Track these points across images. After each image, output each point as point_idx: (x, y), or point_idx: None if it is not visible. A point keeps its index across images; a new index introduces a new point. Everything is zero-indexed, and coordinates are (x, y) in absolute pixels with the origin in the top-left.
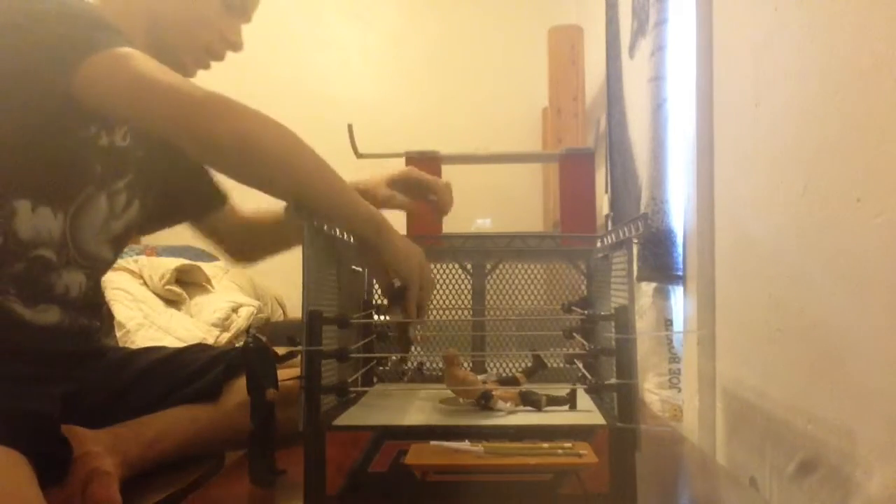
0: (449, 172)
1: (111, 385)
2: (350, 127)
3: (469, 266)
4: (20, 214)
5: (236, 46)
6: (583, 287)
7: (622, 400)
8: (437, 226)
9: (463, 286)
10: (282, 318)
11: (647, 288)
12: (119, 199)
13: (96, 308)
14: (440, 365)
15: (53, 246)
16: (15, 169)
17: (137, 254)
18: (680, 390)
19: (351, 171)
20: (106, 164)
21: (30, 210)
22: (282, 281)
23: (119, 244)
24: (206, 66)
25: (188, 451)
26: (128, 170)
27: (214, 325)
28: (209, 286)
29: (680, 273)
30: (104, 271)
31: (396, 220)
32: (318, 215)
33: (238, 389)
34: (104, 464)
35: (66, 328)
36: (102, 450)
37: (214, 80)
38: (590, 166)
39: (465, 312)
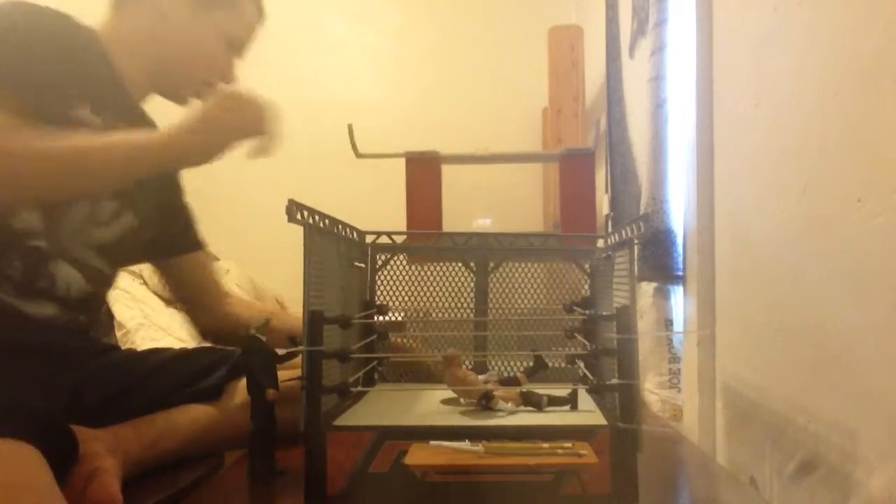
0: (449, 172)
1: (113, 385)
2: (350, 127)
3: (472, 265)
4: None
5: (231, 79)
6: (585, 287)
7: (623, 400)
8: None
9: (465, 284)
10: None
11: (648, 288)
12: (104, 207)
13: (95, 309)
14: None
15: (42, 237)
16: None
17: None
18: (680, 390)
19: (351, 171)
20: None
21: None
22: (282, 281)
23: (112, 254)
24: (200, 97)
25: (189, 451)
26: None
27: None
28: None
29: (680, 273)
30: (104, 281)
31: (397, 218)
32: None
33: (239, 390)
34: (105, 463)
35: (63, 323)
36: (103, 449)
37: None
38: (590, 166)
39: (468, 312)
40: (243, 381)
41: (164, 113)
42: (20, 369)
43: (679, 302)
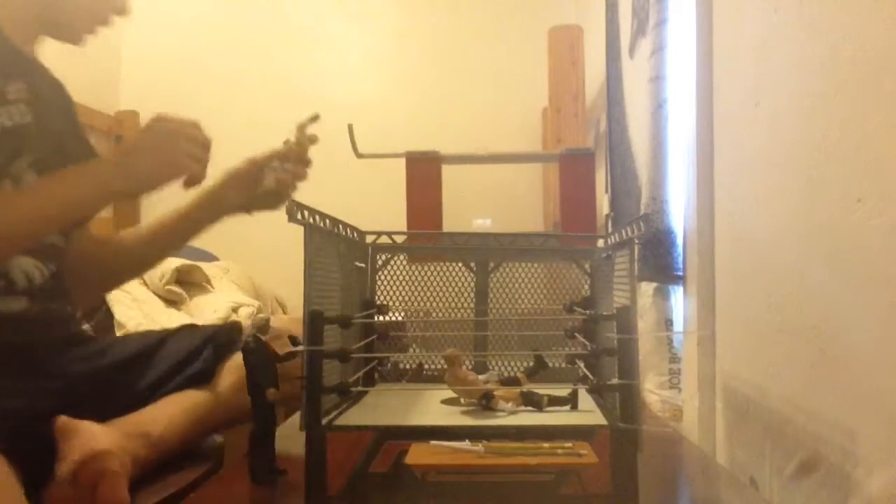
0: (449, 172)
1: (101, 374)
2: (350, 127)
3: (473, 265)
4: None
5: (125, 12)
6: (585, 287)
7: (624, 400)
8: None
9: (465, 284)
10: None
11: (648, 288)
12: (26, 180)
13: (63, 295)
14: (441, 365)
15: None
16: None
17: None
18: (680, 390)
19: (351, 171)
20: None
21: None
22: (282, 281)
23: None
24: (95, 33)
25: (190, 438)
26: (25, 148)
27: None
28: (209, 286)
29: (680, 273)
30: (61, 256)
31: (396, 217)
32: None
33: (229, 370)
34: (113, 464)
35: (34, 316)
36: (114, 447)
37: (215, 79)
38: (590, 166)
39: (468, 312)
40: (232, 361)
41: None
42: None
43: (679, 302)
